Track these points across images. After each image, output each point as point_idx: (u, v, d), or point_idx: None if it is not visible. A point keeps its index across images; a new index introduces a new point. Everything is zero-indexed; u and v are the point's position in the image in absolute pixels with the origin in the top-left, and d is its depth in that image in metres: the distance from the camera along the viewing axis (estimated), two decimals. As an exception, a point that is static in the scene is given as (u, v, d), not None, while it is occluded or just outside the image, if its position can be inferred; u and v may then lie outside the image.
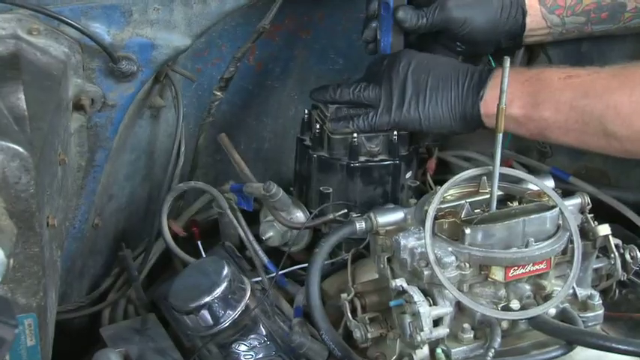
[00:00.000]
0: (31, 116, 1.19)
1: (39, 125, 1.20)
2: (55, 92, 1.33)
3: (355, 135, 1.63)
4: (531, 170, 1.79)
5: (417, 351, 1.32)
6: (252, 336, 1.48)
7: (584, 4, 1.67)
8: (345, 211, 1.63)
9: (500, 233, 1.32)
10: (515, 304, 1.32)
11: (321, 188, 1.66)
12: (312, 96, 1.70)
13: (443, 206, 1.38)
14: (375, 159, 1.66)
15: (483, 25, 1.67)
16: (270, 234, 1.69)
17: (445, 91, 1.60)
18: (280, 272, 1.59)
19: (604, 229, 1.42)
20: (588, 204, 1.46)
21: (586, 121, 1.48)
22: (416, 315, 1.28)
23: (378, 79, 1.64)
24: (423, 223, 1.33)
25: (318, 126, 1.67)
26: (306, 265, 1.49)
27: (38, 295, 1.17)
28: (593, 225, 1.42)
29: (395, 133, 1.64)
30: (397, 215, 1.43)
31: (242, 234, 1.66)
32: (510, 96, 1.50)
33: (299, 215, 1.66)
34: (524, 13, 1.67)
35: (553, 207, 1.35)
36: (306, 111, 1.73)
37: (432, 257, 1.29)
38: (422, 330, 1.28)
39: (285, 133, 2.06)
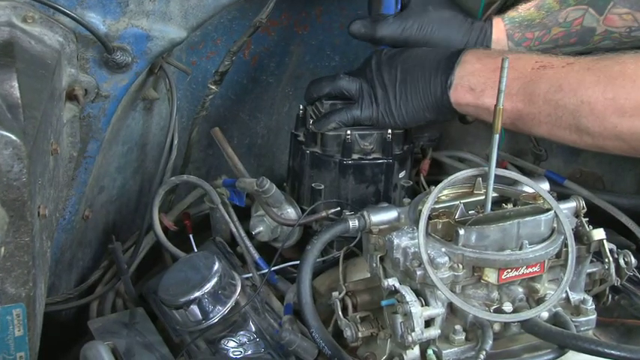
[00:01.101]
0: (24, 105, 1.19)
1: (32, 114, 1.20)
2: (49, 81, 1.33)
3: (349, 132, 1.63)
4: (526, 173, 1.79)
5: (407, 351, 1.32)
6: (242, 332, 1.48)
7: (553, 33, 1.66)
8: (338, 208, 1.63)
9: (495, 235, 1.31)
10: (507, 306, 1.32)
11: (313, 185, 1.67)
12: (305, 97, 1.71)
13: (437, 206, 1.38)
14: (369, 157, 1.66)
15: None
16: (260, 229, 1.69)
17: (413, 84, 1.60)
18: (272, 269, 1.59)
19: (598, 234, 1.43)
20: (583, 208, 1.46)
21: (559, 115, 1.47)
22: (407, 315, 1.28)
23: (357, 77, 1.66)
24: (416, 222, 1.33)
25: (311, 122, 1.67)
26: (297, 262, 1.48)
27: (27, 285, 1.17)
28: (587, 229, 1.43)
29: (389, 131, 1.64)
30: (391, 214, 1.43)
31: (233, 229, 1.66)
32: (482, 85, 1.52)
33: (290, 211, 1.66)
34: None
35: (548, 210, 1.35)
36: (301, 107, 1.73)
37: (425, 257, 1.29)
38: (413, 330, 1.28)
39: (278, 129, 2.06)
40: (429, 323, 1.31)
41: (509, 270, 1.31)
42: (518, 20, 1.66)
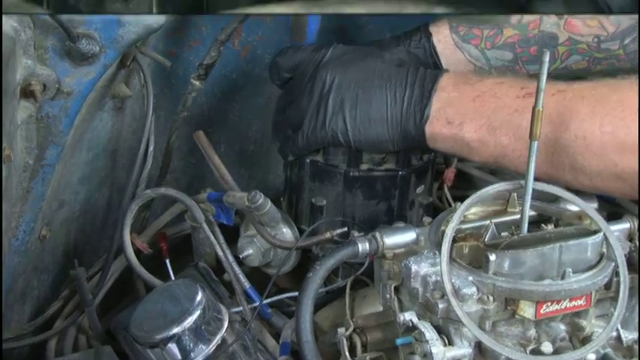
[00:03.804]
0: (-28, 102, 1.19)
1: (-18, 113, 1.20)
2: (1, 75, 1.33)
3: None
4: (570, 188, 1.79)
5: (427, 400, 1.32)
6: (229, 376, 1.48)
7: (506, 35, 1.68)
8: (344, 229, 1.62)
9: (532, 261, 1.31)
10: (547, 347, 1.32)
11: (313, 200, 1.67)
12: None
13: (463, 227, 1.39)
14: (380, 168, 1.67)
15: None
16: (249, 252, 1.69)
17: (377, 110, 1.59)
18: (265, 301, 1.59)
19: (656, 261, 1.43)
20: (639, 230, 1.46)
21: (550, 151, 1.47)
22: (427, 356, 1.29)
23: (299, 92, 1.66)
24: (438, 246, 1.34)
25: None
26: (295, 293, 1.48)
27: (-26, 317, 1.17)
28: (643, 255, 1.43)
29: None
30: (408, 236, 1.44)
31: (220, 253, 1.66)
32: (460, 117, 1.52)
33: (287, 232, 1.66)
34: (428, 36, 1.71)
35: (596, 232, 1.35)
36: (301, 107, 1.73)
37: (448, 287, 1.29)
38: (434, 374, 1.28)
39: (274, 134, 2.06)
40: (452, 366, 1.32)
41: (549, 303, 1.31)
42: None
